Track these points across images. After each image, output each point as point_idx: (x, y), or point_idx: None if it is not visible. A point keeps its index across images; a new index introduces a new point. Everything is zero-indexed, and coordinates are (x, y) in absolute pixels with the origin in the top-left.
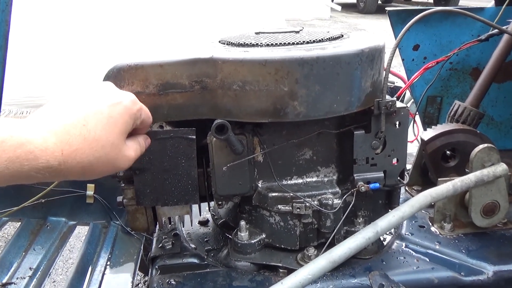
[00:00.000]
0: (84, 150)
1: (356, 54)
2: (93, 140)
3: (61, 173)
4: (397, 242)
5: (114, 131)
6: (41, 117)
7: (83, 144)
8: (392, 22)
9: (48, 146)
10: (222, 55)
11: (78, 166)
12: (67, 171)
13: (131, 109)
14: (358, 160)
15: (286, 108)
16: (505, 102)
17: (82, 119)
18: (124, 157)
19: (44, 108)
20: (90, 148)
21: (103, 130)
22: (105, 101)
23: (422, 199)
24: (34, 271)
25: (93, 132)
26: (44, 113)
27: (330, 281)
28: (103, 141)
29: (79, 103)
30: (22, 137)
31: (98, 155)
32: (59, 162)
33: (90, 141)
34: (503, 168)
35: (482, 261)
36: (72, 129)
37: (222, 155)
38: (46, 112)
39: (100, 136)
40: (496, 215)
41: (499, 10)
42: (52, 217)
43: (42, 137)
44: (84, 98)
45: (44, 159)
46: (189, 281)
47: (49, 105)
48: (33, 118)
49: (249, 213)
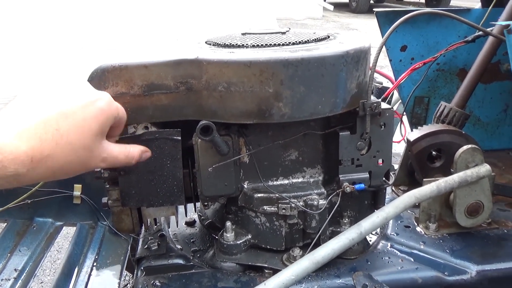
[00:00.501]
0: (55, 155)
1: (341, 56)
2: (66, 144)
3: (30, 179)
4: (382, 242)
5: (88, 133)
6: (11, 120)
7: (55, 150)
8: (380, 22)
9: (19, 154)
10: (207, 56)
11: (48, 171)
12: (35, 177)
13: (106, 110)
14: (344, 161)
15: (271, 109)
16: (491, 102)
17: (54, 122)
18: (96, 157)
19: (14, 109)
20: (62, 153)
21: (76, 133)
22: (78, 102)
23: (406, 199)
24: (20, 272)
25: (66, 137)
26: (14, 115)
27: (315, 281)
28: (76, 144)
29: (51, 104)
30: None
31: (70, 158)
32: (27, 169)
33: (62, 146)
34: (487, 169)
35: (466, 260)
36: (44, 134)
37: (207, 156)
38: (16, 114)
39: (72, 139)
40: (480, 215)
41: (485, 12)
42: (39, 218)
43: (13, 145)
44: (57, 99)
45: (13, 168)
46: (174, 282)
47: (19, 105)
48: (3, 119)
49: (235, 214)
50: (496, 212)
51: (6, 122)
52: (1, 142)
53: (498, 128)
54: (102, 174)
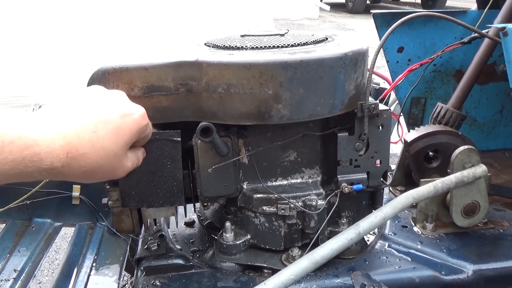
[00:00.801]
0: (89, 155)
1: (340, 58)
2: (100, 148)
3: (62, 174)
4: (380, 242)
5: (120, 142)
6: (51, 116)
7: (90, 150)
8: (377, 24)
9: (55, 148)
10: (207, 58)
11: (80, 170)
12: (68, 173)
13: (140, 124)
14: (342, 162)
15: (271, 111)
16: (487, 103)
17: (93, 125)
18: (122, 167)
19: (55, 107)
20: (96, 155)
21: (111, 139)
22: (117, 110)
23: (403, 200)
24: (19, 273)
25: (102, 140)
26: (55, 112)
27: (313, 281)
28: (109, 150)
29: (92, 108)
30: (30, 138)
31: (101, 162)
32: (62, 164)
33: (97, 148)
34: (483, 170)
35: (462, 260)
36: (82, 133)
37: (207, 157)
38: (56, 112)
39: (107, 145)
40: (476, 215)
41: (481, 13)
42: (38, 219)
43: (50, 139)
44: (97, 104)
45: (49, 161)
46: (174, 282)
47: (60, 105)
48: (42, 116)
49: (234, 214)
50: (492, 212)
51: (45, 119)
52: (39, 135)
53: (494, 128)
54: None
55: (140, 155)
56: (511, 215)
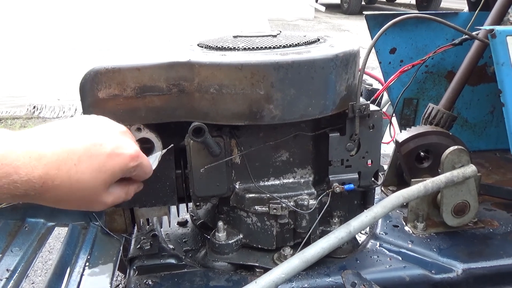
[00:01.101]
0: (64, 187)
1: (331, 59)
2: (76, 182)
3: (34, 200)
4: (371, 242)
5: (100, 179)
6: (41, 137)
7: (65, 182)
8: (369, 25)
9: (33, 177)
10: (199, 59)
11: (53, 199)
12: (39, 200)
13: (127, 165)
14: (333, 162)
15: (262, 111)
16: (478, 104)
17: (76, 157)
18: (99, 202)
19: (44, 130)
20: (70, 188)
21: (91, 175)
22: (107, 147)
23: (394, 199)
24: (11, 272)
25: (80, 174)
26: (46, 133)
27: (305, 280)
28: (85, 185)
29: (82, 139)
30: (11, 167)
31: (76, 195)
32: (35, 193)
33: (73, 182)
34: (472, 170)
35: (452, 259)
36: (63, 164)
37: (199, 157)
38: (48, 133)
39: (84, 179)
40: (466, 215)
41: (472, 15)
42: (31, 219)
43: (31, 166)
44: (89, 136)
45: (24, 189)
46: (167, 281)
47: (55, 126)
48: (32, 136)
49: (227, 214)
50: (482, 211)
51: (33, 140)
52: (21, 162)
53: (485, 129)
54: None
55: (130, 190)
56: (501, 215)
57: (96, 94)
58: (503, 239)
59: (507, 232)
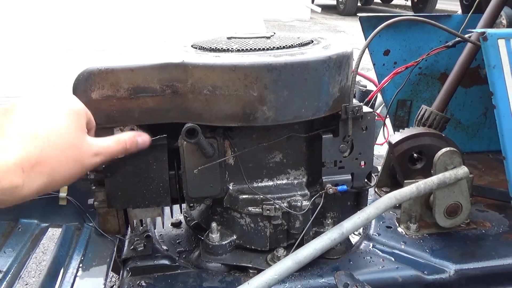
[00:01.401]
0: (44, 160)
1: (324, 61)
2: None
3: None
4: (364, 243)
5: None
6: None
7: (41, 155)
8: (363, 27)
9: (10, 167)
10: (192, 60)
11: (43, 177)
12: (34, 186)
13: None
14: (327, 163)
15: (256, 112)
16: (472, 106)
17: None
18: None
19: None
20: (50, 156)
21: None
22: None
23: (386, 200)
24: (4, 273)
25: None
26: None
27: (298, 281)
28: (60, 145)
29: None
30: None
31: (60, 159)
32: (23, 179)
33: (47, 150)
34: (464, 171)
35: (445, 260)
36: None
37: (193, 158)
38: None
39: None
40: (459, 216)
41: (465, 18)
42: (24, 219)
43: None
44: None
45: (8, 180)
46: (160, 282)
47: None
48: None
49: (221, 215)
50: (474, 213)
51: None
52: None
53: (478, 131)
54: (88, 175)
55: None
56: (493, 216)
57: (89, 95)
58: (495, 240)
59: (499, 233)
